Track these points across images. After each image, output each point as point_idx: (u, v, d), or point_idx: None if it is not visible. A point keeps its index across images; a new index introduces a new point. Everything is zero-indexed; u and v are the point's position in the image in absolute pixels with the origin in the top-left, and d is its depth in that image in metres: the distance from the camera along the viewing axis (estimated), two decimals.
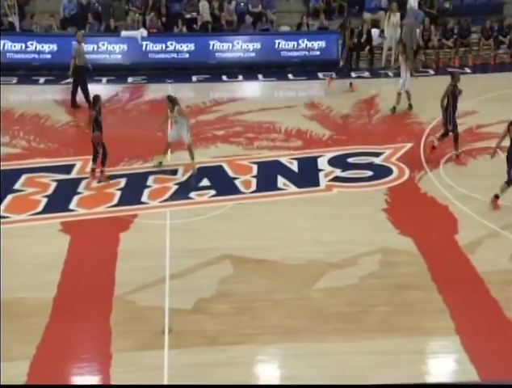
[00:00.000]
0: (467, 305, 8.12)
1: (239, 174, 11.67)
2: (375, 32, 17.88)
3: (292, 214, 10.42)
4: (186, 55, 17.30)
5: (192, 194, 11.00)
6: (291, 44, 17.67)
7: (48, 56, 17.29)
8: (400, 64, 14.64)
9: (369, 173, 11.60)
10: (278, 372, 7.28)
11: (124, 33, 17.49)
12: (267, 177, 11.56)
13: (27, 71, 17.13)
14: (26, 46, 17.17)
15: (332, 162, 12.04)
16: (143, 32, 17.48)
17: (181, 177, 11.54)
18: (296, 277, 8.74)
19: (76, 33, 15.54)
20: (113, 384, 6.92)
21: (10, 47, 17.09)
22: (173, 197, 10.88)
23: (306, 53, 17.69)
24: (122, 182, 11.36)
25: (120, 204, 10.67)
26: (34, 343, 7.40)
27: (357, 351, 7.28)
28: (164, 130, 12.18)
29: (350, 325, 7.75)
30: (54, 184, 11.24)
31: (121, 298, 8.26)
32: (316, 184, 11.33)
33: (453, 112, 11.72)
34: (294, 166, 11.99)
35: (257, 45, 17.60)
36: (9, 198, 10.70)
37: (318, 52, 17.67)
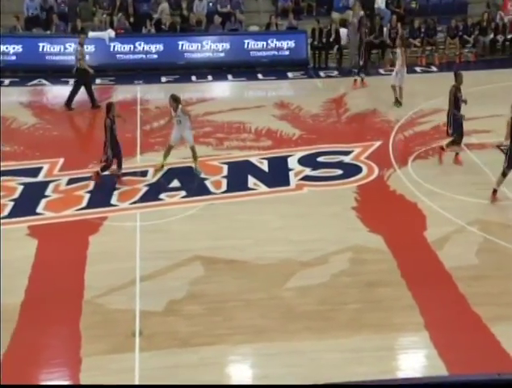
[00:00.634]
0: (435, 300, 8.22)
1: (209, 174, 11.64)
2: (343, 32, 17.97)
3: (263, 214, 10.44)
4: (154, 56, 17.19)
5: (162, 195, 10.94)
6: (260, 44, 17.69)
7: (13, 57, 17.03)
8: (397, 58, 14.75)
9: (339, 172, 11.67)
10: (250, 371, 7.29)
11: (92, 34, 17.31)
12: (238, 177, 11.55)
13: None
14: None
15: (302, 162, 12.09)
16: (111, 33, 17.34)
17: (151, 178, 11.46)
18: (268, 277, 8.75)
19: (79, 35, 15.52)
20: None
21: None
22: (143, 199, 10.81)
23: (275, 53, 17.73)
24: (91, 184, 11.24)
25: (89, 206, 10.56)
26: (1, 348, 7.28)
27: (328, 349, 7.33)
28: (158, 130, 12.07)
29: (321, 323, 7.79)
30: (21, 188, 11.08)
31: (91, 302, 8.18)
32: (286, 184, 11.36)
33: (454, 115, 11.39)
34: (264, 165, 12.00)
35: (226, 45, 17.57)
36: None
37: (287, 51, 17.72)
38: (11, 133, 13.41)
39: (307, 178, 11.48)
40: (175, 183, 11.32)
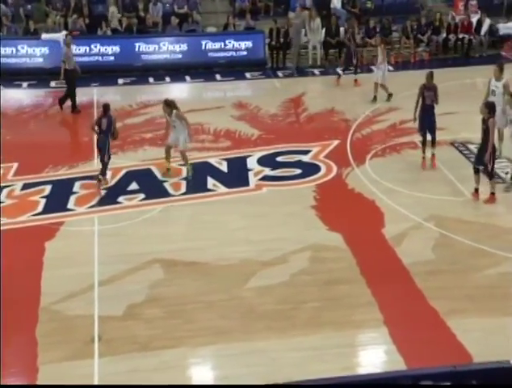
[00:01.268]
0: (394, 296, 8.32)
1: (168, 176, 11.56)
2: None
3: (222, 215, 10.42)
4: (111, 57, 16.98)
5: (121, 198, 10.83)
6: (217, 45, 17.65)
7: None
8: (378, 55, 15.02)
9: (298, 171, 11.72)
10: (211, 373, 7.26)
11: (45, 36, 16.99)
12: (197, 178, 11.50)
13: None
14: None
15: (261, 162, 12.11)
16: (65, 35, 17.04)
17: (109, 182, 11.32)
18: (228, 277, 8.74)
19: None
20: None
21: None
22: (101, 202, 10.67)
23: (233, 54, 17.71)
24: (47, 189, 11.05)
25: (45, 212, 10.37)
26: None
27: (288, 348, 7.35)
28: (162, 137, 11.93)
29: (282, 322, 7.81)
30: None
31: (48, 309, 8.03)
32: (245, 184, 11.36)
33: (424, 114, 11.45)
34: (223, 166, 11.99)
35: (183, 46, 17.48)
36: None
37: (245, 52, 17.72)
38: None
39: (266, 178, 11.50)
40: (134, 186, 11.21)
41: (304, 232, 9.77)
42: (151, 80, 16.71)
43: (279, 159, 12.20)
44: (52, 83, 15.95)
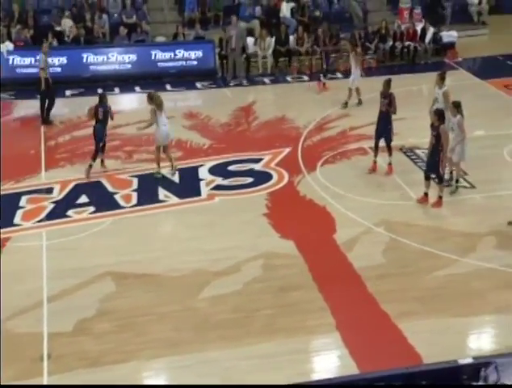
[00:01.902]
0: (346, 301, 8.40)
1: (119, 188, 11.42)
2: (250, 40, 18.19)
3: (175, 225, 10.35)
4: (57, 69, 16.64)
5: (70, 212, 10.64)
6: (167, 55, 17.56)
7: None
8: (350, 61, 15.42)
9: (249, 179, 11.74)
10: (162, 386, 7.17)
11: None
12: (148, 190, 11.40)
13: None
14: None
15: (213, 171, 12.08)
16: (9, 46, 16.69)
17: (57, 195, 11.12)
18: (180, 288, 8.67)
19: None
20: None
21: None
22: (49, 216, 10.46)
23: (183, 63, 17.65)
24: None
25: None
26: None
27: (242, 356, 7.33)
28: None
29: (235, 331, 7.79)
30: None
31: None
32: (197, 194, 11.31)
33: (379, 121, 11.62)
34: (175, 177, 11.91)
35: (132, 57, 17.33)
36: None
37: (195, 61, 17.68)
38: None
39: (218, 187, 11.48)
40: (83, 199, 11.03)
41: (257, 240, 9.78)
42: (100, 91, 16.47)
43: (231, 168, 12.20)
44: None
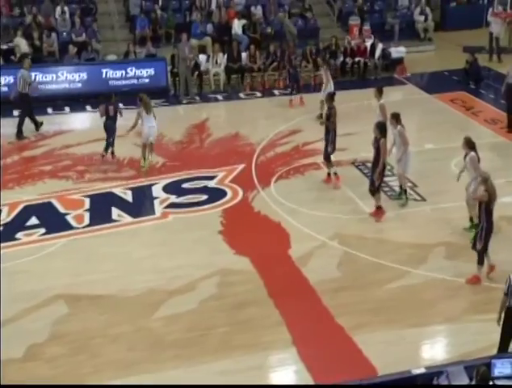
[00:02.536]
0: (302, 315, 8.44)
1: (70, 209, 11.26)
2: (202, 58, 18.24)
3: (128, 245, 10.23)
4: (4, 88, 16.35)
5: (19, 234, 10.41)
6: (119, 73, 17.44)
7: None
8: (321, 74, 15.77)
9: (204, 197, 11.72)
10: None
11: None
12: (101, 210, 11.26)
13: None
14: None
15: (167, 189, 12.02)
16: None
17: (6, 218, 10.87)
18: (135, 308, 8.57)
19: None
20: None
21: None
22: None
23: (135, 81, 17.56)
24: None
25: None
26: None
27: (197, 375, 7.28)
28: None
29: (191, 350, 7.73)
30: None
31: None
32: (151, 213, 11.24)
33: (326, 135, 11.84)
34: (128, 196, 11.81)
35: (83, 75, 17.15)
36: None
37: (147, 79, 17.61)
38: None
39: (172, 205, 11.42)
40: (33, 221, 10.82)
41: (212, 257, 9.76)
42: (50, 111, 16.23)
43: (185, 186, 12.16)
44: None
